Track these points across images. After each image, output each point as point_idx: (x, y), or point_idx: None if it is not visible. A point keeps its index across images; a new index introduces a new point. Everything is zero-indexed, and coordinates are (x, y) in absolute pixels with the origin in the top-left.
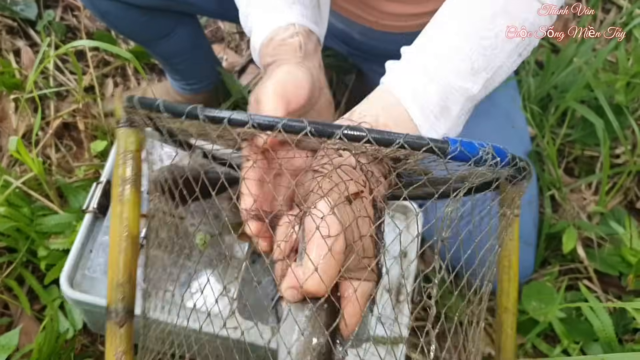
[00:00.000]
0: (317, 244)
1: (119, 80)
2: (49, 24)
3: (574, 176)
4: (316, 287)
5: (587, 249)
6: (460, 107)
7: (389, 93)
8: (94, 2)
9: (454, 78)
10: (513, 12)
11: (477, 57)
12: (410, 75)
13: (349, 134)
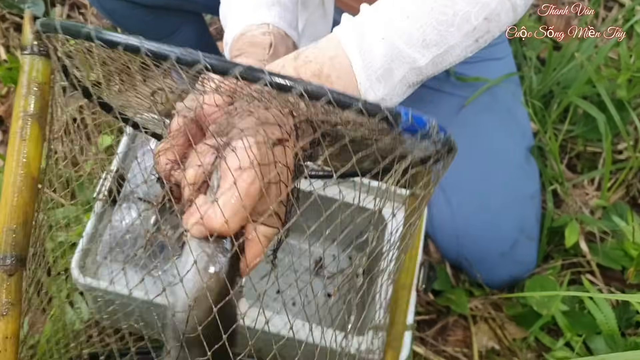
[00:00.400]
0: (231, 184)
1: (125, 77)
2: None
3: (577, 172)
4: (224, 227)
5: (589, 243)
6: (403, 73)
7: (338, 44)
8: (101, 1)
9: (403, 45)
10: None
11: (430, 30)
12: (361, 33)
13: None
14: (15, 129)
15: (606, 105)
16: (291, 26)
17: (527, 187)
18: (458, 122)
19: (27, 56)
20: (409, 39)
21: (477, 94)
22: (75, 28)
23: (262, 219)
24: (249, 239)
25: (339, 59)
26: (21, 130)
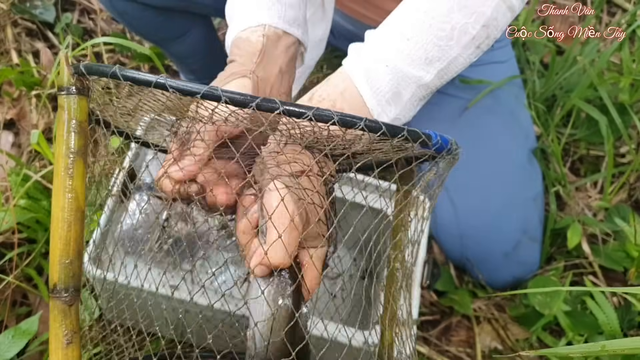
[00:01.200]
0: (278, 219)
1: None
2: (67, 26)
3: (580, 175)
4: (281, 259)
5: (592, 245)
6: (411, 93)
7: (346, 77)
8: (112, 2)
9: (406, 66)
10: (471, 6)
11: (431, 47)
12: (366, 62)
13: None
14: (61, 167)
15: (608, 108)
16: (294, 23)
17: (530, 188)
18: (461, 124)
19: (64, 96)
20: (411, 60)
21: (480, 96)
22: (106, 70)
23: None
24: (305, 265)
25: (349, 91)
26: (68, 168)
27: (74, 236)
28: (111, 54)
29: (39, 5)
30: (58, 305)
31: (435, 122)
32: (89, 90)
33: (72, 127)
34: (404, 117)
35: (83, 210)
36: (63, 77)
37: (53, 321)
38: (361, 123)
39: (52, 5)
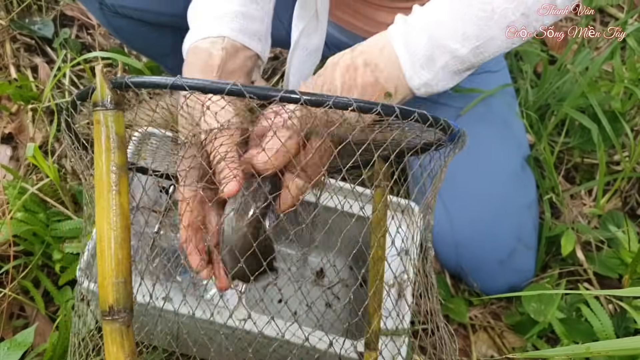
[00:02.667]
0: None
1: (132, 94)
2: (65, 41)
3: (575, 183)
4: (265, 164)
5: (586, 252)
6: (444, 61)
7: (386, 38)
8: (108, 19)
9: (443, 37)
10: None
11: (470, 25)
12: (407, 28)
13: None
14: (105, 184)
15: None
16: (254, 37)
17: (523, 196)
18: None
19: (102, 111)
20: (448, 32)
21: (472, 104)
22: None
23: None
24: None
25: (387, 50)
26: (114, 184)
27: (124, 254)
28: (109, 68)
29: (37, 21)
30: (116, 328)
31: None
32: (126, 104)
33: (113, 142)
34: (435, 85)
35: (129, 228)
36: (101, 91)
37: (111, 344)
38: (377, 108)
39: (51, 20)
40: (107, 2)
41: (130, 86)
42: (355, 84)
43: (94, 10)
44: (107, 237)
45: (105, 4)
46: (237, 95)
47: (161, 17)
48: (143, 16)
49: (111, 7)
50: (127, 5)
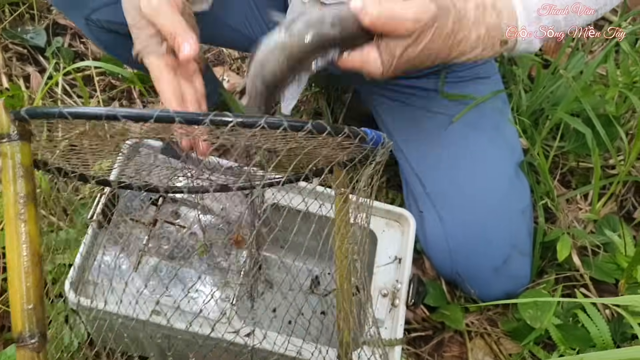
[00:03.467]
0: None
1: (125, 102)
2: (58, 50)
3: (571, 187)
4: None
5: (582, 257)
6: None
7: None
8: (95, 34)
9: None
10: None
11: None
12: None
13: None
14: (13, 214)
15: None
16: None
17: (517, 202)
18: (447, 141)
19: (6, 143)
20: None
21: (464, 110)
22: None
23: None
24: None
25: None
26: (20, 214)
27: (34, 281)
28: (102, 76)
29: (30, 30)
30: (27, 354)
31: (420, 140)
32: (31, 134)
33: (19, 173)
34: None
35: (40, 255)
36: (4, 124)
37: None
38: (309, 125)
39: (43, 29)
40: (92, 17)
41: (26, 119)
42: (484, 21)
43: (80, 25)
44: (17, 264)
45: (91, 19)
46: (166, 121)
47: None
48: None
49: (97, 22)
50: (113, 20)
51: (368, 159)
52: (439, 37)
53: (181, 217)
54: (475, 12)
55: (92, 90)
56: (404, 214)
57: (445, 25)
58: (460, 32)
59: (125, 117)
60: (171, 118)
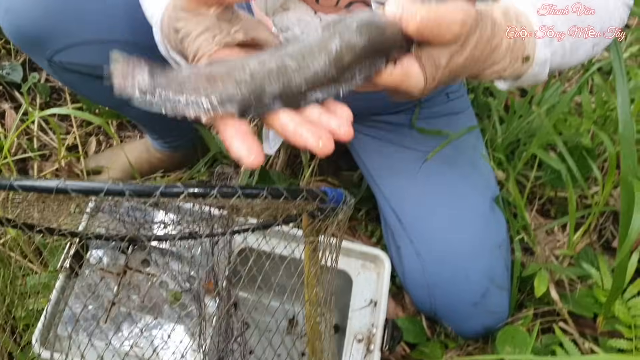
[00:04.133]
0: None
1: (102, 137)
2: (34, 85)
3: (550, 217)
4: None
5: (561, 291)
6: (555, 48)
7: (519, 9)
8: (59, 75)
9: (559, 24)
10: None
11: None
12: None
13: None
14: None
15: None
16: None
17: (494, 237)
18: (421, 176)
19: None
20: (562, 21)
21: (438, 148)
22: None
23: None
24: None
25: (524, 17)
26: None
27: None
28: (79, 111)
29: (5, 66)
30: None
31: (395, 175)
32: None
33: None
34: (543, 70)
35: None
36: None
37: None
38: (264, 192)
39: (20, 65)
40: (55, 59)
41: None
42: (512, 30)
43: (44, 67)
44: None
45: (53, 60)
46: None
47: None
48: (94, 71)
49: (59, 63)
50: (75, 62)
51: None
52: (481, 41)
53: (151, 264)
54: (505, 19)
55: (69, 125)
56: (380, 256)
57: (486, 28)
58: (495, 37)
59: (76, 191)
60: (121, 192)
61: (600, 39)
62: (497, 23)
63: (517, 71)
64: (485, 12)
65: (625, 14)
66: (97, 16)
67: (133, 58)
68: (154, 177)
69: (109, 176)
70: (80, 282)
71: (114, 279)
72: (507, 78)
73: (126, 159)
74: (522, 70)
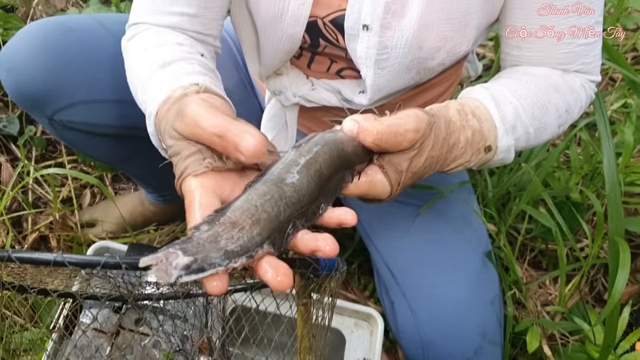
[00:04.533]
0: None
1: (96, 190)
2: (30, 138)
3: (542, 269)
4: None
5: (554, 345)
6: (520, 134)
7: (478, 101)
8: (59, 132)
9: (522, 111)
10: (561, 91)
11: (537, 108)
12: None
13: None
14: None
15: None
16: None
17: (486, 292)
18: (414, 231)
19: None
20: (525, 108)
21: (431, 202)
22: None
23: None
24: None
25: (482, 109)
26: None
27: None
28: (75, 163)
29: (2, 119)
30: None
31: (388, 229)
32: None
33: None
34: (509, 154)
35: None
36: None
37: None
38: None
39: (17, 118)
40: (55, 118)
41: None
42: (468, 125)
43: (44, 125)
44: None
45: (53, 119)
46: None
47: (112, 129)
48: (93, 129)
49: (59, 122)
50: (76, 120)
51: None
52: (437, 142)
53: (145, 324)
54: (459, 117)
55: (63, 178)
56: (373, 315)
57: (440, 130)
58: (452, 135)
59: (73, 264)
60: (118, 264)
61: (567, 117)
62: (452, 121)
63: (481, 160)
64: (438, 114)
65: (592, 91)
66: (99, 75)
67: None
68: (147, 230)
69: (102, 229)
70: (73, 343)
71: (108, 339)
72: (474, 167)
73: (119, 211)
74: (487, 159)
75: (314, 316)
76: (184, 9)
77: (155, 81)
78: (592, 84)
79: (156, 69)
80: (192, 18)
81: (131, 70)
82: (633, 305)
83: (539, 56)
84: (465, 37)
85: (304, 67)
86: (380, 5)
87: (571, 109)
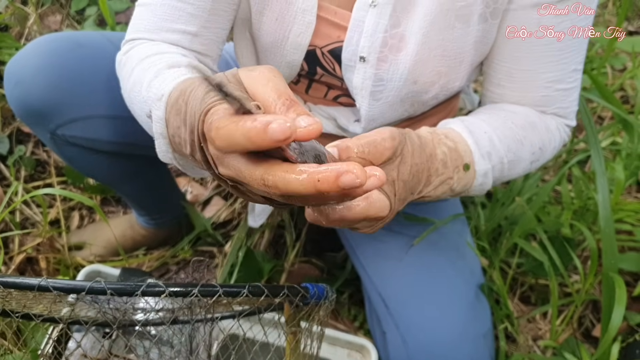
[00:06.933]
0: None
1: (85, 212)
2: (20, 158)
3: (531, 304)
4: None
5: None
6: (495, 162)
7: (450, 129)
8: (60, 148)
9: (497, 142)
10: (538, 129)
11: (512, 142)
12: (468, 125)
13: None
14: None
15: (553, 240)
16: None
17: (479, 326)
18: (408, 261)
19: None
20: (500, 139)
21: (425, 234)
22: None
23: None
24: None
25: (455, 133)
26: None
27: None
28: (64, 185)
29: None
30: None
31: (382, 259)
32: None
33: None
34: (487, 181)
35: None
36: None
37: None
38: (245, 291)
39: (6, 137)
40: (58, 132)
41: None
42: (442, 142)
43: (45, 140)
44: None
45: (56, 134)
46: (98, 293)
47: (112, 146)
48: (95, 145)
49: (62, 137)
50: (78, 135)
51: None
52: (415, 149)
53: (134, 350)
54: (431, 136)
55: (51, 199)
56: (366, 346)
57: (413, 139)
58: (426, 145)
59: (57, 289)
60: (103, 290)
61: (540, 155)
62: (422, 136)
63: (463, 181)
64: (407, 131)
65: (567, 134)
66: (104, 91)
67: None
68: (136, 254)
69: (90, 252)
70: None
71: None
72: (458, 190)
73: (108, 234)
74: (468, 180)
75: (302, 345)
76: (186, 27)
77: (166, 76)
78: (567, 128)
79: (162, 69)
80: (192, 37)
81: (131, 77)
82: (622, 341)
83: (518, 95)
84: (460, 74)
85: (302, 93)
86: (377, 39)
87: (545, 148)
